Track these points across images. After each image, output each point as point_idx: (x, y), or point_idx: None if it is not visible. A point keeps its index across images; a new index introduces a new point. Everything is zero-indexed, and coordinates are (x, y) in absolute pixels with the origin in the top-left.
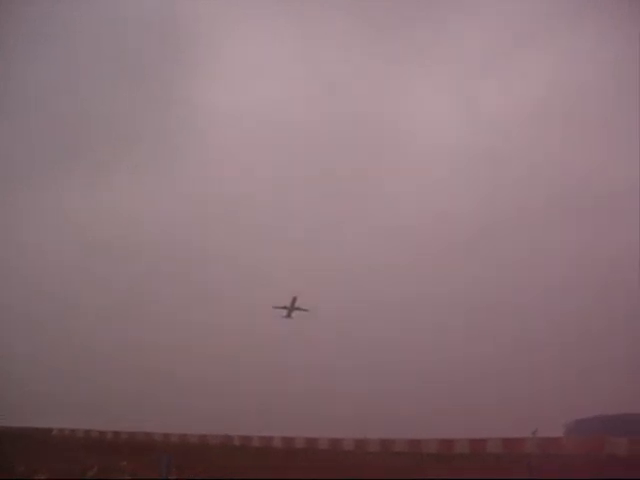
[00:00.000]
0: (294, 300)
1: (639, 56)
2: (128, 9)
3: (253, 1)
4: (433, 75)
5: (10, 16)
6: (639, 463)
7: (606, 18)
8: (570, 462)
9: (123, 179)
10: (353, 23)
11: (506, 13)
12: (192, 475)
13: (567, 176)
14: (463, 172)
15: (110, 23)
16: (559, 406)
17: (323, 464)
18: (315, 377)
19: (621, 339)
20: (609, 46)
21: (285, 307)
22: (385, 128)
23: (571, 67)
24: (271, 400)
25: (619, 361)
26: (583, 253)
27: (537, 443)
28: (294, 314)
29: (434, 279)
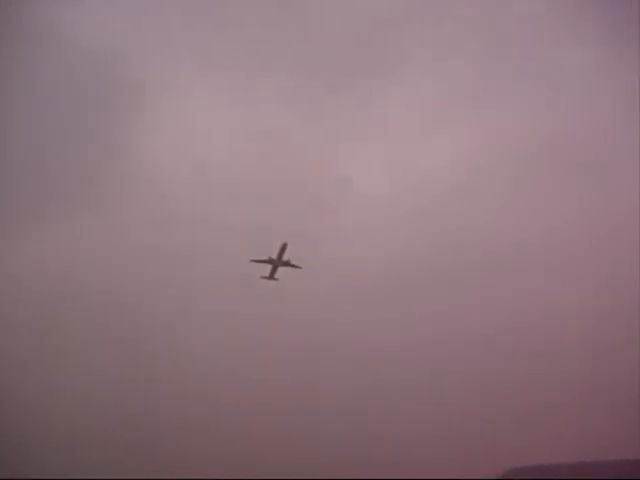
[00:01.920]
0: (283, 249)
1: (566, 124)
2: (73, 56)
3: (197, 54)
4: (368, 135)
5: None
6: None
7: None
8: None
9: (57, 227)
10: (296, 80)
11: (441, 77)
12: None
13: (491, 235)
14: (393, 226)
15: (52, 68)
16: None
17: None
18: None
19: (539, 390)
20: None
21: (270, 261)
22: (321, 184)
23: (500, 131)
24: None
25: (534, 412)
26: (505, 309)
27: None
28: (283, 272)
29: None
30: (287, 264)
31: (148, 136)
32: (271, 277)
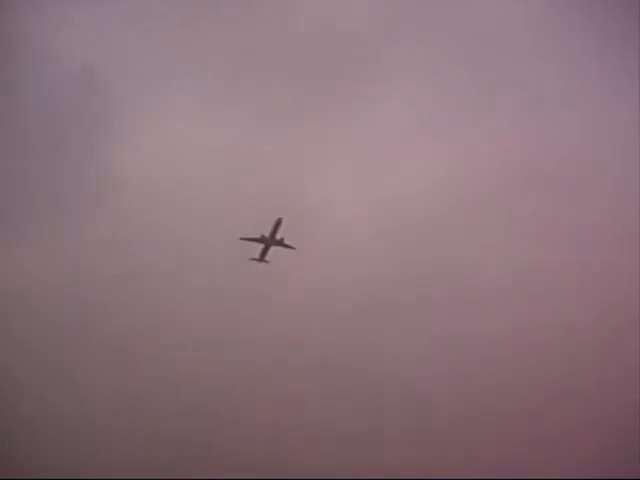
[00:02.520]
0: (278, 225)
1: (543, 149)
2: (45, 72)
3: (172, 77)
4: (345, 155)
5: None
6: None
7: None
8: None
9: (32, 245)
10: (271, 104)
11: (413, 100)
12: None
13: (468, 260)
14: (369, 248)
15: (23, 83)
16: None
17: None
18: None
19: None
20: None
21: (261, 239)
22: (299, 205)
23: (477, 155)
24: None
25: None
26: (476, 336)
27: None
28: (275, 254)
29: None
30: (280, 243)
31: (124, 150)
32: (262, 259)
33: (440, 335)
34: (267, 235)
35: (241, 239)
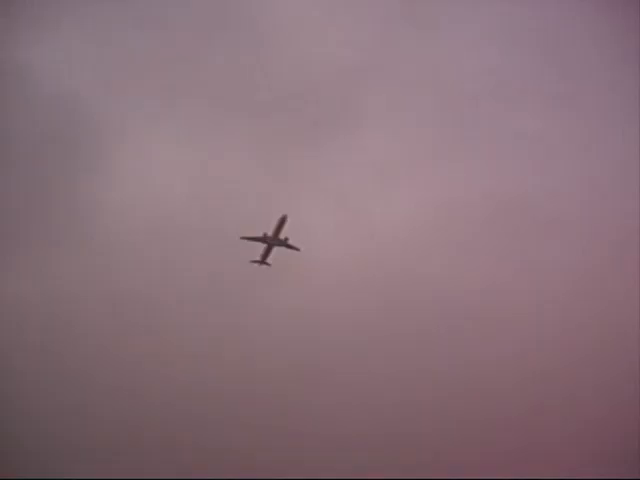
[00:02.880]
0: (282, 223)
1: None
2: (31, 103)
3: (157, 115)
4: (322, 191)
5: None
6: None
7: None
8: None
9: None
10: (246, 140)
11: (398, 139)
12: None
13: (444, 298)
14: (346, 286)
15: (7, 115)
16: None
17: None
18: None
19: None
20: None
21: (263, 238)
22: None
23: (455, 192)
24: None
25: None
26: (456, 372)
27: None
28: (279, 255)
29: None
30: (284, 244)
31: (108, 182)
32: (263, 261)
33: (422, 365)
34: (270, 234)
35: (242, 238)
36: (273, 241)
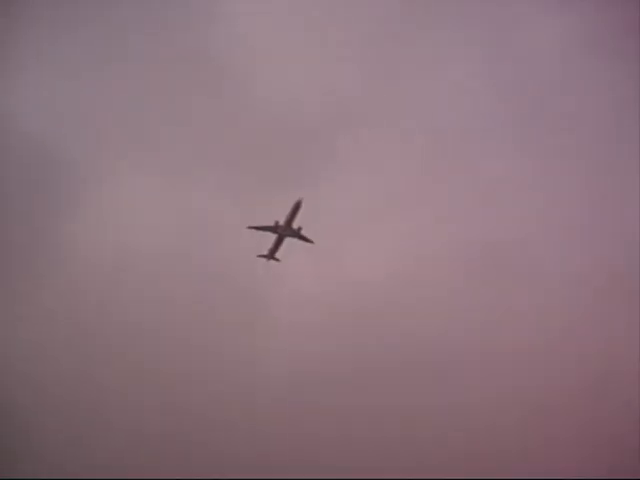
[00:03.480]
0: (296, 209)
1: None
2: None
3: (135, 144)
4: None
5: None
6: None
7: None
8: None
9: None
10: (227, 186)
11: (376, 184)
12: None
13: (424, 340)
14: (325, 325)
15: None
16: None
17: None
18: None
19: None
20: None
21: (274, 228)
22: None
23: (427, 237)
24: None
25: None
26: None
27: None
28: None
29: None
30: (297, 234)
31: (84, 223)
32: (272, 255)
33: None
34: (282, 223)
35: (249, 228)
36: (285, 231)
